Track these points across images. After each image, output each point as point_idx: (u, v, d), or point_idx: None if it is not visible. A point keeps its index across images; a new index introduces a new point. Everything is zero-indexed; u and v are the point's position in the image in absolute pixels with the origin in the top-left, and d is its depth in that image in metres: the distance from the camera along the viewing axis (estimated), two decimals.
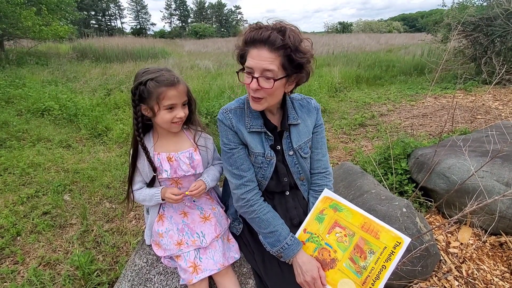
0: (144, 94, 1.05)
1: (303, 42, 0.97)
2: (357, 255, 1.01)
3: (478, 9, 6.80)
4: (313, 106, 1.21)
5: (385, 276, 0.95)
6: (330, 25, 51.06)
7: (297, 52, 0.94)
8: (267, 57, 0.93)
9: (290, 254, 1.05)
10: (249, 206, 1.11)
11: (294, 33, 0.94)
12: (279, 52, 0.93)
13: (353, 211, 1.09)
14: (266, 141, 1.13)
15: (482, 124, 3.80)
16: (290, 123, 1.14)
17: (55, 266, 1.91)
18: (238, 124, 1.11)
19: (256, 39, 0.93)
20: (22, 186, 2.83)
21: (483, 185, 1.86)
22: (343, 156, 3.37)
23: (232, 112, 1.13)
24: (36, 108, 4.70)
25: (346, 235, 1.05)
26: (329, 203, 1.13)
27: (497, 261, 1.72)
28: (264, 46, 0.93)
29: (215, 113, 4.27)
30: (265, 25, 0.96)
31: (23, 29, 8.83)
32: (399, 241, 0.98)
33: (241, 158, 1.12)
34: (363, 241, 1.02)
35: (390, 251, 0.97)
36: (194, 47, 18.38)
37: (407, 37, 21.19)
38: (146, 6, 68.10)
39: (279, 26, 0.94)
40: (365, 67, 8.95)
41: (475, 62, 6.71)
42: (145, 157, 1.13)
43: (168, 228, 1.19)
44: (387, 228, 1.01)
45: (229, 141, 1.12)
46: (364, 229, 1.04)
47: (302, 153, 1.17)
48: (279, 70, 0.95)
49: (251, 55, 0.96)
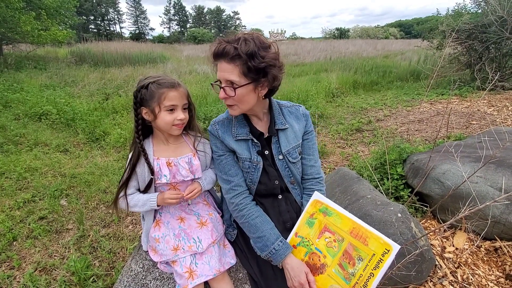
0: (145, 96, 1.08)
1: (262, 50, 1.00)
2: (346, 261, 1.00)
3: (473, 16, 6.91)
4: (301, 113, 1.25)
5: (373, 284, 0.94)
6: (328, 31, 51.49)
7: (254, 59, 0.98)
8: (226, 68, 1.01)
9: (278, 259, 1.07)
10: (238, 210, 1.15)
11: (249, 42, 0.98)
12: (236, 62, 0.99)
13: (342, 215, 1.07)
14: (252, 147, 1.17)
15: (477, 129, 3.85)
16: (278, 128, 1.18)
17: (51, 272, 1.90)
18: (224, 135, 1.18)
19: (215, 53, 1.02)
20: (19, 190, 2.82)
21: (477, 190, 1.89)
22: (340, 161, 3.39)
23: (219, 124, 1.20)
24: (33, 113, 4.70)
25: (335, 240, 1.04)
26: (319, 206, 1.13)
27: (492, 266, 1.74)
28: (223, 58, 1.01)
29: (213, 117, 4.28)
30: (225, 38, 1.02)
31: (22, 33, 8.85)
32: (388, 248, 0.96)
33: (229, 164, 1.18)
34: (352, 247, 1.01)
35: (379, 258, 0.96)
36: (192, 52, 18.46)
37: (403, 43, 21.45)
38: (145, 11, 68.53)
39: (236, 37, 1.00)
40: (362, 73, 9.03)
41: (470, 69, 6.81)
42: (144, 161, 1.14)
43: (164, 234, 1.20)
44: (376, 235, 0.99)
45: (217, 149, 1.20)
46: (353, 234, 1.02)
47: (291, 158, 1.19)
48: (241, 78, 1.01)
49: (218, 68, 1.05)
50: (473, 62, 6.67)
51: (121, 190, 1.16)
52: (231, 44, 0.98)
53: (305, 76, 9.07)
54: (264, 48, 1.01)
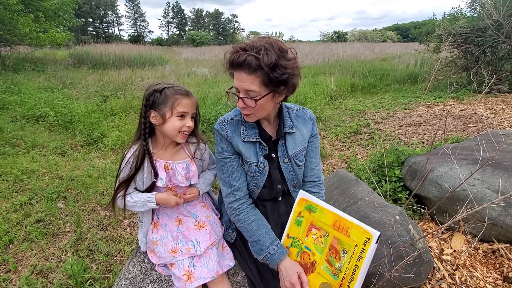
0: (158, 100, 1.10)
1: (283, 59, 0.96)
2: (332, 256, 0.98)
3: (469, 21, 6.98)
4: (308, 117, 1.25)
5: (359, 276, 0.91)
6: (326, 34, 51.87)
7: (276, 69, 0.95)
8: (246, 79, 0.97)
9: (274, 263, 1.07)
10: (235, 214, 1.15)
11: (271, 52, 0.94)
12: (256, 74, 0.96)
13: (325, 209, 1.04)
14: (260, 151, 1.16)
15: (474, 132, 3.87)
16: (286, 131, 1.17)
17: (48, 275, 1.88)
18: (233, 135, 1.15)
19: (234, 62, 0.97)
20: (16, 193, 2.80)
21: (475, 192, 1.89)
22: (338, 164, 3.40)
23: (228, 123, 1.17)
24: (31, 115, 4.68)
25: (321, 236, 1.02)
26: (304, 204, 1.12)
27: (490, 268, 1.74)
28: (242, 69, 0.97)
29: (211, 120, 4.29)
30: (244, 46, 0.97)
31: (20, 35, 8.85)
32: (368, 236, 0.91)
33: (233, 168, 1.17)
34: (336, 240, 0.98)
35: (361, 248, 0.92)
36: (191, 55, 18.53)
37: (400, 46, 21.63)
38: (144, 13, 68.83)
39: (256, 45, 0.95)
40: (360, 76, 9.08)
41: (467, 72, 6.87)
42: (149, 163, 1.15)
43: (162, 236, 1.19)
44: (356, 224, 0.95)
45: (223, 150, 1.17)
46: (335, 227, 0.99)
47: (297, 160, 1.19)
48: (261, 89, 0.98)
49: (235, 77, 1.01)
50: (469, 65, 6.74)
51: (120, 190, 1.15)
52: (252, 55, 0.94)
53: (304, 78, 9.09)
54: (284, 57, 0.97)
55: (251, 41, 0.99)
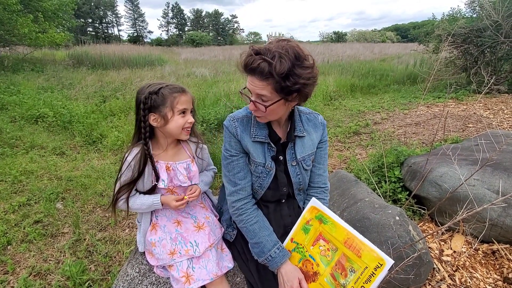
0: (156, 102, 1.09)
1: (298, 67, 0.93)
2: (338, 271, 0.98)
3: (468, 21, 6.99)
4: (319, 122, 1.23)
5: None
6: (325, 35, 51.95)
7: (289, 78, 0.92)
8: (258, 84, 0.96)
9: (275, 266, 1.06)
10: (238, 214, 1.14)
11: (285, 60, 0.90)
12: (268, 81, 0.94)
13: (338, 225, 1.04)
14: (268, 152, 1.14)
15: (474, 132, 3.87)
16: (296, 134, 1.15)
17: (46, 276, 1.87)
18: (243, 134, 1.13)
19: (248, 66, 0.96)
20: (14, 194, 2.79)
21: (475, 193, 1.89)
22: (338, 164, 3.39)
23: (238, 120, 1.15)
24: (30, 115, 4.67)
25: (329, 249, 1.03)
26: (315, 213, 1.11)
27: (489, 269, 1.74)
28: (255, 74, 0.95)
29: (211, 120, 4.29)
30: (259, 49, 0.94)
31: (19, 36, 8.84)
32: (381, 262, 0.93)
33: (239, 166, 1.14)
34: (345, 257, 0.99)
35: (371, 272, 0.93)
36: (190, 55, 18.51)
37: (400, 47, 21.63)
38: (143, 14, 68.81)
39: (272, 51, 0.92)
40: (359, 76, 9.09)
41: (466, 72, 6.88)
42: (150, 166, 1.14)
43: (161, 237, 1.18)
44: (370, 247, 0.96)
45: (231, 148, 1.15)
46: (346, 245, 1.00)
47: (305, 165, 1.18)
48: (273, 95, 0.97)
49: (248, 79, 1.00)
50: (469, 65, 6.75)
51: (122, 193, 1.15)
52: (266, 61, 0.91)
53: None
54: (300, 65, 0.93)
55: (269, 43, 0.97)
